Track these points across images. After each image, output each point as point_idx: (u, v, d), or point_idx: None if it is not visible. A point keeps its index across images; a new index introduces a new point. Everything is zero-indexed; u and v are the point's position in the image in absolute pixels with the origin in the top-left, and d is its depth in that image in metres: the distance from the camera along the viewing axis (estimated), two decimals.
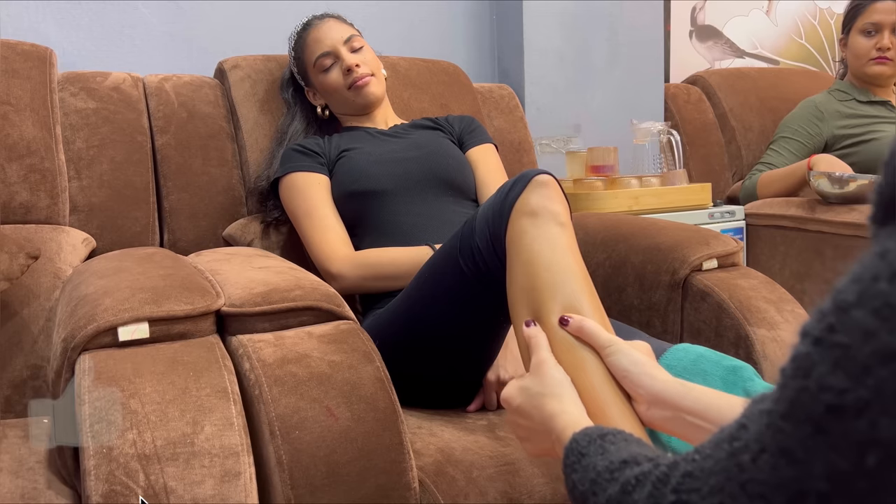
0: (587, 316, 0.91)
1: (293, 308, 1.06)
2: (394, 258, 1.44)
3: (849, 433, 0.34)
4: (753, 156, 2.53)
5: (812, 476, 0.36)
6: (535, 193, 1.02)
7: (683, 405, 0.78)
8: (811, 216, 1.98)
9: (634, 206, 2.00)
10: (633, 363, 0.83)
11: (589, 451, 0.62)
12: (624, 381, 0.83)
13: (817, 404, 0.35)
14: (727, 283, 1.41)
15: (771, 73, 2.78)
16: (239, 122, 1.73)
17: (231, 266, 1.22)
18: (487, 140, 1.72)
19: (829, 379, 0.35)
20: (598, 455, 0.61)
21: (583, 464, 0.62)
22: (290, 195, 1.58)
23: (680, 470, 0.46)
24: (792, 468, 0.36)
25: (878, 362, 0.33)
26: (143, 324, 0.98)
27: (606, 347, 0.86)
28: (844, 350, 0.35)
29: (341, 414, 0.94)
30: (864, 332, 0.34)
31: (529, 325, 0.91)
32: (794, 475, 0.36)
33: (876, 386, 0.33)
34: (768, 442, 0.38)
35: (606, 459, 0.59)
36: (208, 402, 0.90)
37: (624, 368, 0.83)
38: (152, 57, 1.95)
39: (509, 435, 1.13)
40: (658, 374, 0.82)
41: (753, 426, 0.40)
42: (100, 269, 1.18)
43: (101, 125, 1.62)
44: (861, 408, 0.34)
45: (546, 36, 2.24)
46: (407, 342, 1.22)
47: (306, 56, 1.70)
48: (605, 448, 0.61)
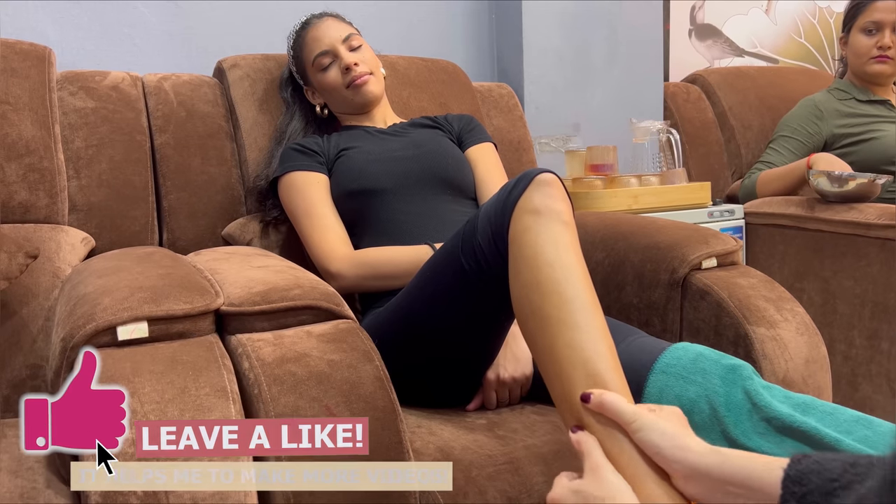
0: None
1: (292, 307, 1.06)
2: (393, 257, 1.44)
3: None
4: (753, 154, 2.53)
5: None
6: (538, 192, 1.02)
7: (723, 476, 0.74)
8: (810, 215, 1.98)
9: (634, 204, 2.00)
10: (663, 436, 0.79)
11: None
12: (657, 457, 0.79)
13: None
14: (726, 282, 1.41)
15: (770, 72, 2.78)
16: (238, 122, 1.73)
17: (230, 265, 1.22)
18: (486, 139, 1.72)
19: None
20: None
21: None
22: (290, 194, 1.58)
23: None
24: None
25: None
26: (142, 323, 0.97)
27: (631, 423, 0.81)
28: None
29: (340, 413, 0.94)
30: None
31: (576, 431, 0.86)
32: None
33: None
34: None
35: None
36: (207, 401, 0.90)
37: (655, 444, 0.79)
38: (151, 56, 1.95)
39: (509, 434, 1.13)
40: (692, 445, 0.77)
41: None
42: (99, 268, 1.17)
43: (99, 124, 1.62)
44: None
45: (545, 35, 2.24)
46: (407, 341, 1.22)
47: (305, 55, 1.69)
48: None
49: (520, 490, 1.03)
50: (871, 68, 2.29)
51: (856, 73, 2.34)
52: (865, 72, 2.30)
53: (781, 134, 2.34)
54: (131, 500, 0.83)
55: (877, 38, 2.27)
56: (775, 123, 2.45)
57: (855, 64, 2.33)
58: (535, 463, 1.07)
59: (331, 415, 0.94)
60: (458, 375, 1.25)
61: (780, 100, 2.59)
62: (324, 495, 0.91)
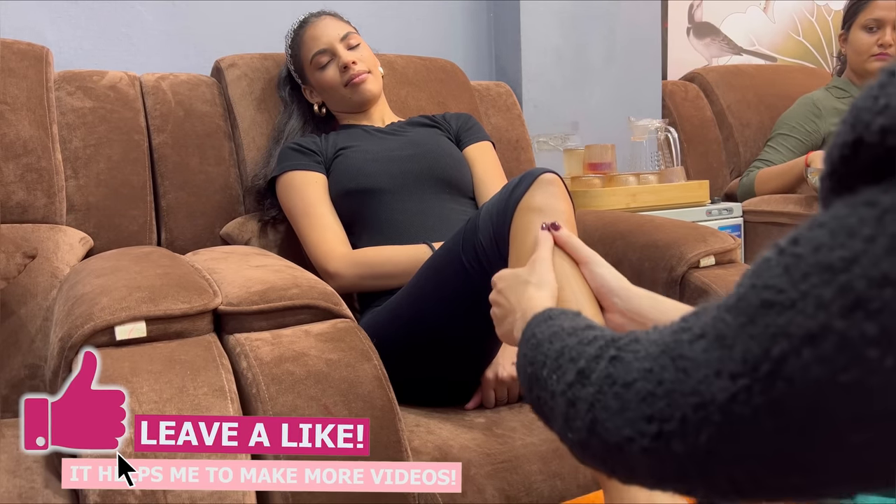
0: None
1: (290, 306, 1.06)
2: (391, 256, 1.44)
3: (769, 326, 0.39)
4: (751, 153, 2.53)
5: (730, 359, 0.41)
6: (540, 191, 1.02)
7: (655, 316, 0.82)
8: (809, 213, 1.98)
9: (632, 203, 2.00)
10: (612, 275, 0.88)
11: (559, 317, 0.64)
12: (601, 290, 0.88)
13: (756, 299, 0.41)
14: (725, 280, 1.42)
15: (768, 70, 2.78)
16: (236, 121, 1.73)
17: (228, 265, 1.22)
18: (485, 138, 1.72)
19: (774, 280, 0.40)
20: (568, 320, 0.62)
21: (548, 322, 0.63)
22: (288, 194, 1.58)
23: (632, 336, 0.50)
24: (717, 352, 0.42)
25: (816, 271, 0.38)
26: (141, 322, 0.98)
27: (589, 261, 0.89)
28: (796, 259, 0.40)
29: (339, 412, 0.94)
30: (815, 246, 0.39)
31: (544, 227, 0.92)
32: (717, 357, 0.41)
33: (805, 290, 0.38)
34: (709, 329, 0.43)
35: (574, 322, 0.61)
36: (206, 400, 0.90)
37: (603, 277, 0.88)
38: (149, 56, 1.94)
39: (507, 433, 1.14)
40: (633, 288, 0.87)
41: (704, 315, 0.45)
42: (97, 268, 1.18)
43: (97, 124, 1.62)
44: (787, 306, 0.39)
45: (544, 34, 2.24)
46: (405, 340, 1.22)
47: (303, 54, 1.70)
48: (575, 318, 0.63)
49: (518, 489, 1.04)
50: (871, 66, 2.29)
51: (855, 71, 2.35)
52: (866, 69, 2.30)
53: (780, 132, 2.34)
54: (129, 500, 0.83)
55: (878, 35, 2.27)
56: (773, 121, 2.45)
57: (855, 61, 2.33)
58: (533, 462, 1.07)
59: (329, 414, 0.94)
60: (457, 374, 1.26)
61: (779, 98, 2.59)
62: (323, 495, 0.91)
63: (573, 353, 0.54)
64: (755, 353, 0.39)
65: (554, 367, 0.56)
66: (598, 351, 0.51)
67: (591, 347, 0.53)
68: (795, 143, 2.30)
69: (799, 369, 0.37)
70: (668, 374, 0.44)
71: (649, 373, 0.45)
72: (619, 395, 0.47)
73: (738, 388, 0.40)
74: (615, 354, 0.49)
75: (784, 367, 0.38)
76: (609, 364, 0.49)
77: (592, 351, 0.52)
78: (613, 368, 0.49)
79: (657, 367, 0.45)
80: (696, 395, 0.42)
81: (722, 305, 0.43)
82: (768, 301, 0.40)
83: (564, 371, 0.54)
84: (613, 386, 0.48)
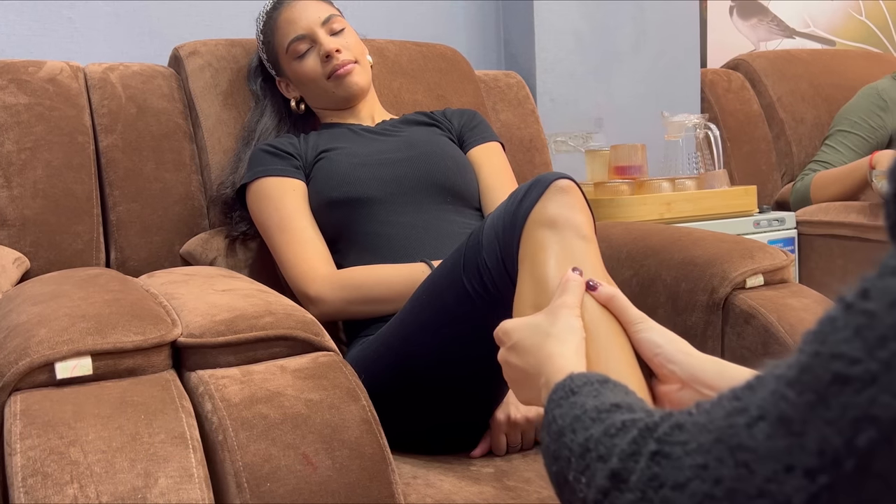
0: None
1: (263, 338, 1.06)
2: (383, 278, 1.44)
3: (848, 407, 0.37)
4: (806, 153, 2.54)
5: (803, 450, 0.38)
6: (553, 201, 1.02)
7: (721, 385, 0.79)
8: (873, 223, 1.98)
9: (666, 213, 2.01)
10: (668, 340, 0.85)
11: (582, 391, 0.63)
12: (655, 358, 0.84)
13: (825, 372, 0.38)
14: (775, 303, 1.42)
15: (826, 56, 2.80)
16: (198, 119, 1.74)
17: (189, 289, 1.22)
18: (492, 138, 1.73)
19: (844, 347, 0.38)
20: (591, 396, 0.61)
21: (570, 400, 0.62)
22: (261, 204, 1.58)
23: (672, 421, 0.48)
24: (785, 440, 0.39)
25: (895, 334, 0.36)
26: (86, 358, 0.98)
27: (637, 324, 0.87)
28: (869, 318, 0.37)
29: (320, 462, 0.94)
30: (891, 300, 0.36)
31: (575, 270, 0.90)
32: (785, 447, 0.39)
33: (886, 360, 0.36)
34: (769, 409, 0.41)
35: (598, 400, 0.60)
36: (163, 449, 0.90)
37: (656, 344, 0.85)
38: (95, 42, 1.95)
39: (521, 484, 1.13)
40: (694, 352, 0.84)
41: (760, 391, 0.43)
42: (34, 293, 1.18)
43: (34, 124, 1.62)
44: (866, 381, 0.36)
45: (561, 14, 2.25)
46: (399, 376, 1.22)
47: (277, 40, 1.70)
48: (600, 392, 0.62)
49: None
50: None
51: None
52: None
53: (839, 128, 2.35)
54: None
55: None
56: (832, 116, 2.46)
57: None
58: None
59: (309, 464, 0.94)
60: (461, 416, 1.25)
61: (838, 88, 2.60)
62: None
63: (601, 450, 0.53)
64: (834, 443, 0.37)
65: (580, 468, 0.54)
66: (632, 446, 0.50)
67: (622, 440, 0.51)
68: (858, 140, 2.30)
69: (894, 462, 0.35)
70: (727, 471, 0.42)
71: (704, 469, 0.43)
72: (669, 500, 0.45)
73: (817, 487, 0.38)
74: (657, 449, 0.48)
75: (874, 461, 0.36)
76: (651, 462, 0.48)
77: (625, 445, 0.50)
78: (659, 468, 0.47)
79: (713, 461, 0.43)
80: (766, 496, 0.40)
81: (781, 377, 0.41)
82: (841, 375, 0.37)
83: (594, 473, 0.52)
84: (661, 489, 0.46)
